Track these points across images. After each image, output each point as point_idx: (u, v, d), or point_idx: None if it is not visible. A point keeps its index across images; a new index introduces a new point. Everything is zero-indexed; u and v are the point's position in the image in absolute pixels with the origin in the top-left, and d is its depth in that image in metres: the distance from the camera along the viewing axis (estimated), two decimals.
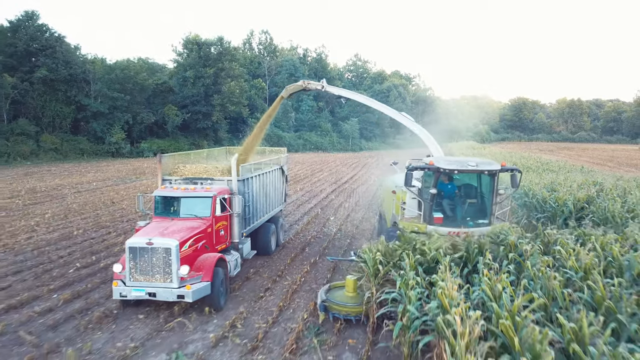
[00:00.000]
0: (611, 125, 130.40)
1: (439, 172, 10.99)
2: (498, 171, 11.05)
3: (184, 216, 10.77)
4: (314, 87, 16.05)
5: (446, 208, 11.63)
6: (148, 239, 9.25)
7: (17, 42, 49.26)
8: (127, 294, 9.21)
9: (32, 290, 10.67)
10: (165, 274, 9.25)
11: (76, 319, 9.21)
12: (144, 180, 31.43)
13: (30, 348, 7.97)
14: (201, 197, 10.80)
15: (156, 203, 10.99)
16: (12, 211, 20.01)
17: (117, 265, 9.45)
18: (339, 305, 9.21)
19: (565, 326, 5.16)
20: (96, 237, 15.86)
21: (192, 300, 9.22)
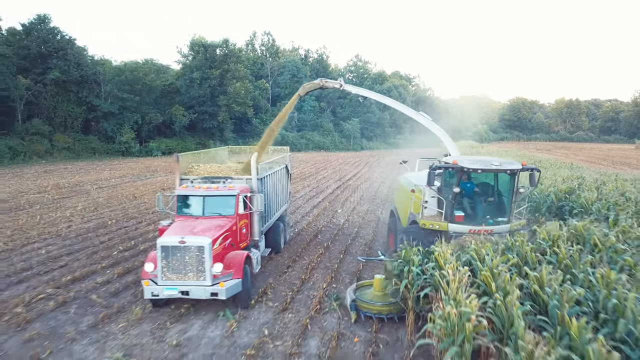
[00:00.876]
0: (609, 125, 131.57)
1: (462, 171, 11.10)
2: (519, 170, 11.21)
3: (208, 215, 10.80)
4: (332, 85, 16.04)
5: (466, 206, 11.86)
6: (180, 238, 9.29)
7: (30, 45, 50.98)
8: (159, 293, 9.21)
9: (87, 267, 12.41)
10: (199, 272, 9.31)
11: (132, 288, 10.96)
12: (158, 178, 33.16)
13: (101, 308, 9.73)
14: (225, 196, 10.89)
15: (179, 202, 11.01)
16: (45, 204, 21.73)
17: (148, 265, 9.44)
18: (369, 304, 9.38)
19: (530, 275, 6.93)
20: (129, 226, 17.60)
21: (225, 297, 9.34)
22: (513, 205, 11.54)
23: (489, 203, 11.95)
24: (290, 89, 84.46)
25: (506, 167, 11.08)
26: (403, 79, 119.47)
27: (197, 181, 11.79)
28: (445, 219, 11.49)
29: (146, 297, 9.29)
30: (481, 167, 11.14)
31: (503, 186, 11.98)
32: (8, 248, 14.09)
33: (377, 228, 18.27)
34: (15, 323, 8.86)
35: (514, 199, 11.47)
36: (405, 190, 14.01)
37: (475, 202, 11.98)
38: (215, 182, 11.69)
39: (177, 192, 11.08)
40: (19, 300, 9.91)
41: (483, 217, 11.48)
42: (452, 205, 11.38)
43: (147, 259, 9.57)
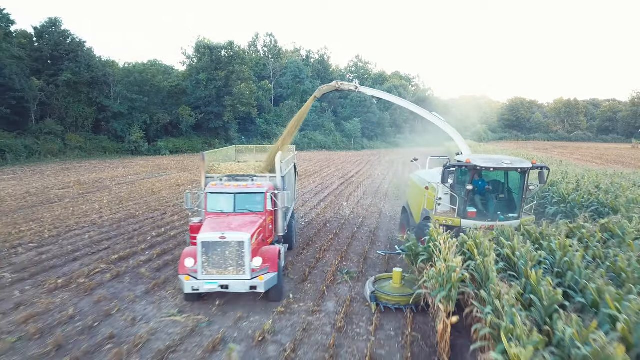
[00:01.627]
0: (607, 125, 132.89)
1: (475, 169, 11.57)
2: (529, 169, 11.64)
3: (239, 211, 11.11)
4: (347, 87, 16.23)
5: (478, 203, 12.29)
6: (221, 234, 9.57)
7: (42, 48, 52.83)
8: (199, 288, 9.47)
9: (128, 249, 14.21)
10: (238, 267, 9.62)
11: (171, 265, 12.77)
12: (171, 175, 34.92)
13: (149, 279, 11.53)
14: (255, 193, 11.27)
15: (210, 200, 11.24)
16: (73, 198, 23.51)
17: (188, 260, 9.71)
18: (389, 296, 9.88)
19: (505, 243, 8.76)
20: (154, 217, 19.38)
21: (264, 290, 9.70)
22: (523, 202, 12.06)
23: (500, 200, 12.44)
24: (293, 89, 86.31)
25: (517, 165, 11.59)
26: (403, 80, 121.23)
27: (224, 179, 12.01)
28: (458, 215, 11.99)
29: (186, 291, 9.56)
30: (493, 166, 11.54)
31: (513, 184, 12.51)
32: (53, 235, 15.88)
33: (380, 219, 20.08)
34: (83, 290, 10.67)
35: (524, 196, 11.97)
36: (418, 187, 14.53)
37: (487, 199, 12.46)
38: (240, 180, 11.98)
39: (208, 190, 11.29)
40: (80, 273, 11.72)
41: (494, 214, 11.91)
42: (465, 201, 11.90)
43: (185, 255, 9.85)
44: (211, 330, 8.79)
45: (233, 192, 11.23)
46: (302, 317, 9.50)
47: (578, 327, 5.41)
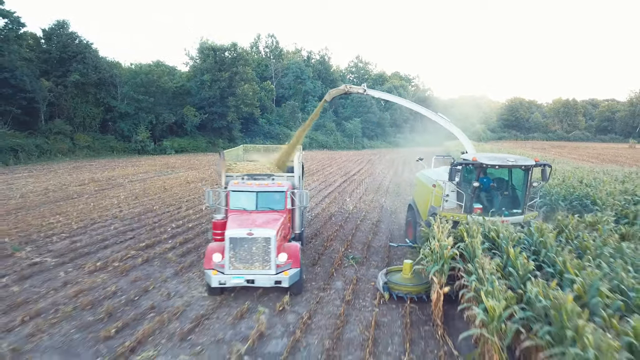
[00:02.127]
0: (605, 125, 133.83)
1: (481, 167, 12.04)
2: (533, 166, 12.06)
3: (260, 209, 11.48)
4: (356, 90, 16.68)
5: (484, 199, 12.79)
6: (248, 230, 9.97)
7: (51, 49, 54.17)
8: (226, 282, 9.92)
9: (152, 238, 15.57)
10: (264, 262, 10.01)
11: (193, 252, 14.13)
12: (180, 173, 36.27)
13: (176, 263, 12.89)
14: (276, 192, 11.66)
15: (232, 197, 11.63)
16: (91, 194, 24.85)
17: (216, 255, 10.12)
18: (401, 286, 10.48)
19: (491, 227, 10.14)
20: (171, 211, 20.74)
21: (288, 285, 10.13)
22: (527, 198, 12.54)
23: (504, 196, 12.90)
24: (294, 90, 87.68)
25: (521, 163, 12.05)
26: (403, 80, 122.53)
27: (245, 178, 12.35)
28: (464, 211, 12.40)
29: (213, 285, 9.96)
30: (498, 163, 11.99)
31: (517, 181, 13.03)
32: (80, 226, 17.23)
33: (382, 213, 21.45)
34: (119, 271, 12.04)
35: (528, 193, 12.48)
36: (425, 185, 14.95)
37: (492, 196, 12.96)
38: (259, 178, 12.38)
39: (231, 188, 11.70)
40: (114, 258, 13.09)
41: (499, 209, 12.34)
42: (471, 198, 12.34)
43: (211, 251, 10.30)
44: (237, 302, 10.16)
45: (255, 190, 11.62)
46: (315, 293, 10.88)
47: (543, 288, 6.78)
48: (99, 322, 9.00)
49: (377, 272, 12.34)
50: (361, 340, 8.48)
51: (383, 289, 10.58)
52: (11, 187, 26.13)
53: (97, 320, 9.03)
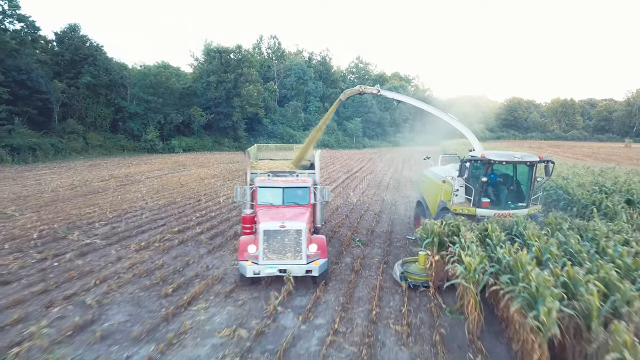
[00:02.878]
0: (603, 124, 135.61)
1: (489, 163, 12.71)
2: (537, 162, 12.77)
3: (287, 204, 12.16)
4: (370, 91, 17.20)
5: (491, 194, 13.45)
6: (281, 223, 10.55)
7: (63, 52, 56.29)
8: (260, 272, 10.46)
9: (181, 225, 17.67)
10: (296, 252, 10.58)
11: (220, 235, 16.25)
12: (192, 170, 38.37)
13: (208, 244, 15.00)
14: (301, 187, 12.43)
15: (259, 193, 12.32)
16: (114, 189, 26.92)
17: (251, 247, 10.66)
18: (416, 275, 11.21)
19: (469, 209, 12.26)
20: (192, 203, 22.83)
21: (318, 274, 10.73)
22: (531, 193, 13.30)
23: (510, 191, 13.66)
24: (296, 90, 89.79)
25: (526, 159, 12.78)
26: (402, 80, 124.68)
27: (270, 175, 13.07)
28: (473, 205, 13.14)
29: (247, 275, 10.52)
30: (506, 160, 12.77)
31: (522, 176, 13.67)
32: (115, 215, 19.33)
33: (383, 205, 23.57)
34: (160, 250, 14.16)
35: (532, 187, 13.25)
36: (433, 182, 15.82)
37: (499, 190, 13.65)
38: (281, 175, 13.13)
39: (258, 184, 12.40)
40: (153, 239, 15.21)
41: (505, 203, 13.18)
42: (479, 192, 13.05)
43: (244, 243, 10.87)
44: None
45: (282, 186, 12.33)
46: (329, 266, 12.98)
47: (508, 250, 8.89)
48: (156, 285, 11.11)
49: (380, 252, 14.47)
50: (369, 298, 10.59)
51: (400, 279, 11.34)
52: (39, 183, 28.24)
53: (154, 284, 11.14)
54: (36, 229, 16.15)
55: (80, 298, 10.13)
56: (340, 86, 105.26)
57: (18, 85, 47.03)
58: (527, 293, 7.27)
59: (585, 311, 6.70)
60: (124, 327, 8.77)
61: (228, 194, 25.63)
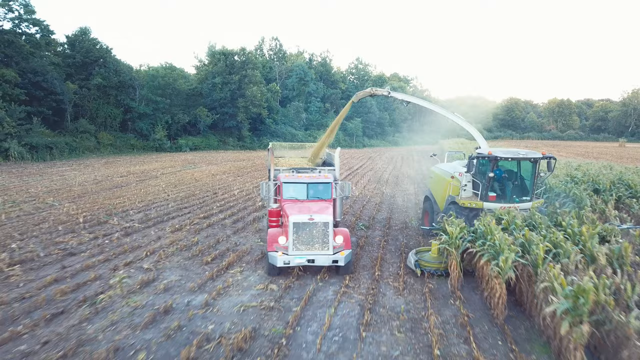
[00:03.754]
0: (599, 124, 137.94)
1: (496, 159, 13.29)
2: (540, 159, 13.35)
3: (311, 198, 12.72)
4: (380, 93, 17.77)
5: (497, 188, 14.14)
6: (309, 216, 11.08)
7: (75, 55, 58.59)
8: (289, 261, 10.96)
9: (205, 212, 19.97)
10: (323, 244, 11.06)
11: (241, 221, 18.57)
12: (202, 167, 40.68)
13: (232, 227, 17.32)
14: (324, 183, 13.00)
15: (284, 188, 12.89)
16: (135, 184, 29.21)
17: (281, 238, 11.17)
18: (429, 263, 11.90)
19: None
20: (210, 195, 25.12)
21: (344, 264, 11.28)
22: (535, 187, 13.96)
23: (515, 185, 14.33)
24: (298, 91, 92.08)
25: (530, 156, 13.37)
26: (401, 81, 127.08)
27: (293, 171, 13.75)
28: (481, 199, 13.72)
29: (278, 265, 11.05)
30: (511, 156, 13.42)
31: (525, 172, 14.35)
32: (144, 205, 21.63)
33: (383, 197, 25.90)
34: (192, 232, 16.47)
35: (535, 182, 13.91)
36: (441, 178, 16.43)
37: (504, 185, 14.32)
38: (303, 172, 13.85)
39: (284, 180, 12.99)
40: (184, 223, 17.55)
41: (511, 197, 13.82)
42: (486, 187, 13.59)
43: (274, 235, 11.47)
44: None
45: (306, 182, 12.96)
46: None
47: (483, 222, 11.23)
48: (196, 256, 13.43)
49: (380, 233, 16.80)
50: (371, 265, 12.92)
51: (415, 266, 12.02)
52: (64, 178, 30.55)
53: (195, 255, 13.47)
54: (79, 215, 18.46)
55: (138, 264, 12.47)
56: (341, 87, 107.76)
57: (34, 87, 49.34)
58: (493, 250, 9.62)
59: (535, 261, 9.02)
60: (179, 284, 11.09)
61: (241, 187, 27.95)
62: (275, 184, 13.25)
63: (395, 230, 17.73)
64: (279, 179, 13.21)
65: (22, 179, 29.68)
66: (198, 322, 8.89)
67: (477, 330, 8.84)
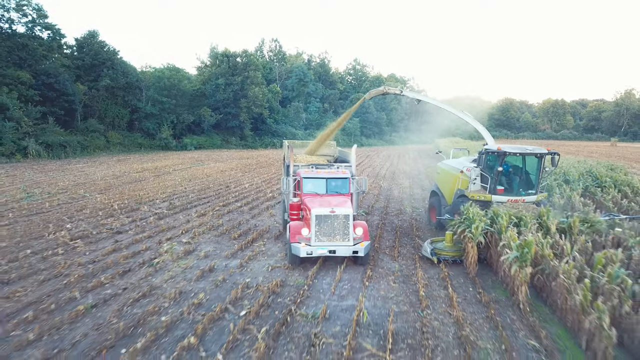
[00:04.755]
0: (593, 124, 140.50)
1: (504, 154, 13.97)
2: (545, 154, 14.04)
3: (330, 193, 13.20)
4: (393, 91, 18.27)
5: (504, 182, 14.79)
6: (331, 209, 11.53)
7: (84, 57, 60.96)
8: (312, 252, 11.44)
9: (223, 201, 22.44)
10: (344, 235, 11.58)
11: (256, 208, 21.06)
12: (211, 164, 43.14)
13: (249, 213, 19.82)
14: (342, 178, 13.49)
15: (305, 183, 13.30)
16: (152, 179, 31.63)
17: (304, 230, 11.68)
18: (445, 251, 12.78)
19: None
20: (223, 188, 27.56)
21: (363, 254, 11.80)
22: (540, 181, 14.64)
23: (521, 180, 14.97)
24: (297, 91, 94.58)
25: (536, 151, 14.08)
26: (398, 82, 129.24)
27: (312, 167, 14.28)
28: (489, 192, 14.40)
29: (302, 255, 11.55)
30: (519, 152, 14.22)
31: (531, 167, 14.96)
32: (167, 195, 24.06)
33: (381, 190, 28.44)
34: (216, 216, 18.95)
35: (541, 176, 14.60)
36: (449, 173, 17.22)
37: (511, 179, 15.03)
38: (321, 167, 14.46)
39: (304, 175, 13.43)
40: (207, 210, 20.05)
41: (517, 190, 14.56)
42: (495, 181, 14.26)
43: (297, 227, 12.10)
44: None
45: (325, 177, 13.45)
46: None
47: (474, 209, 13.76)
48: (224, 234, 15.94)
49: (378, 218, 19.33)
50: (372, 241, 15.43)
51: (431, 254, 12.81)
52: (86, 174, 32.96)
53: (222, 233, 15.98)
54: (113, 203, 20.95)
55: (177, 239, 14.98)
56: (339, 87, 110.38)
57: (47, 88, 51.72)
58: (468, 222, 12.14)
59: (499, 229, 11.56)
60: (215, 253, 13.61)
61: (250, 182, 30.41)
62: (294, 179, 13.69)
63: (391, 215, 20.26)
64: (299, 175, 13.64)
65: (47, 174, 32.09)
66: (237, 277, 11.41)
67: (454, 282, 11.40)
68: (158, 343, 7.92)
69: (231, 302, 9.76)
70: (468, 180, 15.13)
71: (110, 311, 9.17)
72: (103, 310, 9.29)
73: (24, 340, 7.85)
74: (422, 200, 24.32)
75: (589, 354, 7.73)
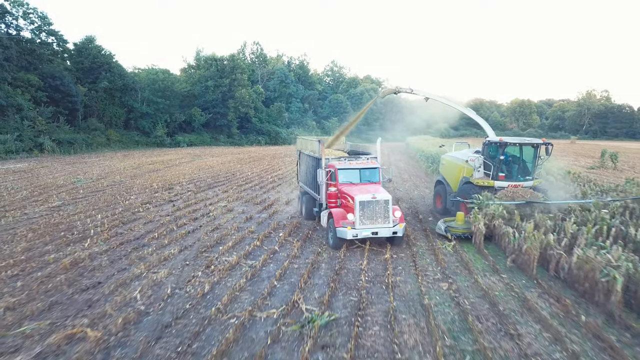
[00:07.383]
0: (557, 123, 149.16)
1: (505, 145, 15.35)
2: (540, 144, 15.53)
3: (363, 182, 14.12)
4: (404, 90, 19.38)
5: (505, 170, 16.12)
6: (372, 195, 12.45)
7: (83, 60, 65.49)
8: (357, 234, 12.44)
9: (237, 184, 28.18)
10: (385, 218, 12.59)
11: (264, 187, 26.98)
12: (209, 159, 48.56)
13: (260, 191, 25.72)
14: (373, 168, 14.62)
15: (340, 174, 14.21)
16: (165, 169, 36.97)
17: (350, 215, 12.66)
18: (457, 229, 14.36)
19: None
20: (229, 176, 33.18)
21: (402, 234, 12.83)
22: (535, 169, 16.22)
23: (519, 167, 16.42)
24: (279, 92, 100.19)
25: (533, 142, 15.84)
26: (374, 83, 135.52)
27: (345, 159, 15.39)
28: (492, 179, 16.01)
29: (348, 237, 12.54)
30: (518, 142, 15.98)
31: (527, 156, 16.52)
32: (185, 181, 29.57)
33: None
34: (237, 192, 24.81)
35: (536, 164, 16.22)
36: (453, 163, 18.75)
37: (511, 167, 16.38)
38: (352, 159, 15.43)
39: (339, 166, 14.37)
40: (228, 188, 25.88)
41: (516, 177, 16.08)
42: (497, 168, 15.70)
43: (341, 214, 13.05)
44: None
45: (359, 167, 14.52)
46: None
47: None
48: (249, 202, 21.91)
49: None
50: None
51: (445, 231, 14.52)
52: (107, 166, 38.17)
53: (247, 201, 21.96)
54: (152, 184, 26.56)
55: (217, 205, 20.83)
56: (317, 88, 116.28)
57: (53, 90, 56.32)
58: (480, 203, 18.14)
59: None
60: (247, 210, 19.65)
61: (251, 171, 36.12)
62: (327, 171, 14.39)
63: None
64: (333, 166, 14.48)
65: (74, 166, 37.23)
66: (270, 221, 17.43)
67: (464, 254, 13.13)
68: (237, 247, 13.86)
69: (272, 230, 15.81)
70: (472, 168, 16.93)
71: (200, 233, 15.11)
72: (195, 234, 15.20)
73: (162, 243, 13.74)
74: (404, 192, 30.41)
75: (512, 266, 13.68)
